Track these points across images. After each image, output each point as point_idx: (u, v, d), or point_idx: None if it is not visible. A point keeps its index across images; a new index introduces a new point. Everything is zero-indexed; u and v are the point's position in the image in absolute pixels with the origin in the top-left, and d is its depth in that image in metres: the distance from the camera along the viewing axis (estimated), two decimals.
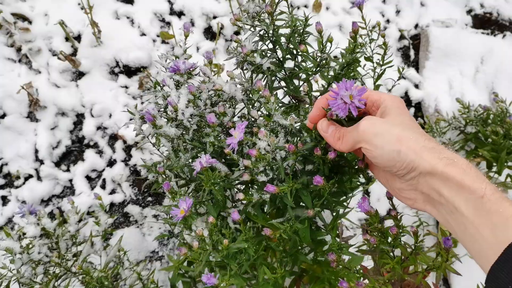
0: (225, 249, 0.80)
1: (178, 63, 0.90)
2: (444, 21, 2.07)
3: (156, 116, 0.89)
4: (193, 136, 0.94)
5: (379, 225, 0.83)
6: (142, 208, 1.73)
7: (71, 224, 1.24)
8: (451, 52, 2.00)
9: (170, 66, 0.92)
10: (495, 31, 2.10)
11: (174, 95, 0.92)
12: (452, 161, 0.55)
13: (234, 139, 0.74)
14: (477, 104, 1.72)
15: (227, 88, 0.86)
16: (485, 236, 0.51)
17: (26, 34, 1.92)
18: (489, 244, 0.50)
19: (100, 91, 1.87)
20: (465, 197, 0.53)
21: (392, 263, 0.84)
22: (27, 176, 1.78)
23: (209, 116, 0.83)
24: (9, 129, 1.82)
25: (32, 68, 1.90)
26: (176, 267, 1.25)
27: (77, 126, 1.85)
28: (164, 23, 2.04)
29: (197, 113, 0.92)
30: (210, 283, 0.74)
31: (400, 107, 0.62)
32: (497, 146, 1.51)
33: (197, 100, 0.92)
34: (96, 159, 1.79)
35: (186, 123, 0.90)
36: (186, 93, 0.92)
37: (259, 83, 0.84)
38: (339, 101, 0.60)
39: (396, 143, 0.57)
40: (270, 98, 0.76)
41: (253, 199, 0.79)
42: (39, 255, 1.21)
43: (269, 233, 0.78)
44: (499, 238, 0.49)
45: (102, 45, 1.91)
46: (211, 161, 0.80)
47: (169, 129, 0.90)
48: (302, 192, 0.77)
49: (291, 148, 0.72)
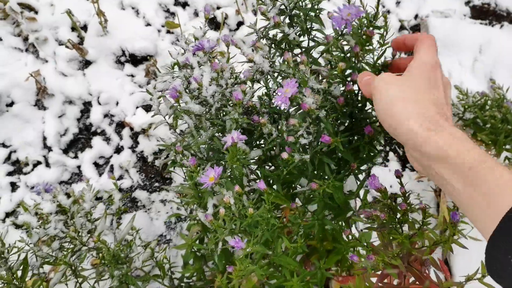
0: (250, 217, 0.83)
1: (203, 41, 0.94)
2: (443, 11, 2.12)
3: (182, 92, 0.92)
4: (216, 113, 0.97)
5: (388, 201, 0.87)
6: (150, 193, 1.77)
7: (86, 201, 1.27)
8: (450, 43, 2.05)
9: (194, 45, 0.95)
10: (493, 21, 2.15)
11: (197, 73, 0.95)
12: (434, 132, 0.53)
13: (287, 93, 0.77)
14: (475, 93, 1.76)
15: (257, 58, 0.89)
16: (481, 206, 0.50)
17: (33, 24, 1.95)
18: (486, 214, 0.49)
19: (107, 79, 1.90)
20: (453, 170, 0.52)
21: (400, 238, 0.88)
22: (35, 163, 1.80)
23: (236, 93, 0.87)
24: (17, 117, 1.84)
25: (39, 57, 1.93)
26: (189, 245, 1.28)
27: (84, 114, 1.88)
28: (168, 14, 2.08)
29: (220, 91, 0.95)
30: (238, 247, 0.78)
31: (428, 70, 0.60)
32: (495, 130, 1.56)
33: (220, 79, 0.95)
34: (103, 146, 1.83)
35: (209, 100, 0.94)
36: (209, 71, 0.95)
37: (287, 55, 0.87)
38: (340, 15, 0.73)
39: (390, 105, 0.57)
40: (306, 62, 0.81)
41: (295, 160, 0.83)
42: (55, 230, 1.24)
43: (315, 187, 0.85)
44: (494, 208, 0.48)
45: (108, 34, 1.95)
46: (241, 137, 0.84)
47: (193, 106, 0.94)
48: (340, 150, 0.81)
49: (341, 101, 0.78)
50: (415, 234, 0.89)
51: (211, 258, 1.37)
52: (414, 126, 0.54)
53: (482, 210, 0.49)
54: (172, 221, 1.73)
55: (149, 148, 1.81)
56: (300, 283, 0.96)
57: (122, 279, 1.17)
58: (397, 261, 0.86)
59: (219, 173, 0.83)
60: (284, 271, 1.01)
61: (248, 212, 0.85)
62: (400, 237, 0.86)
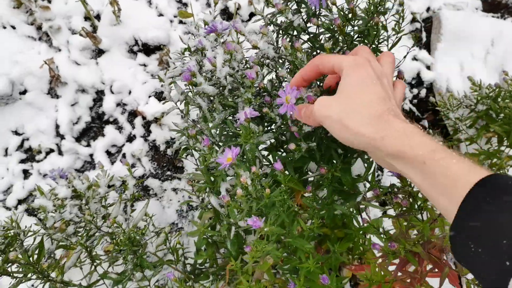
0: (267, 197, 0.84)
1: (216, 23, 0.94)
2: (455, 4, 2.11)
3: (196, 73, 0.93)
4: (228, 94, 0.98)
5: (409, 188, 0.87)
6: (162, 182, 1.78)
7: (101, 186, 1.28)
8: (462, 35, 2.04)
9: (208, 27, 0.96)
10: (504, 14, 2.15)
11: (211, 54, 0.96)
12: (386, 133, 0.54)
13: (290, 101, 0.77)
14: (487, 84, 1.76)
15: (261, 44, 0.90)
16: (439, 200, 0.51)
17: (46, 13, 1.96)
18: (446, 207, 0.50)
19: (120, 68, 1.91)
20: (410, 166, 0.53)
21: (421, 224, 0.88)
22: (48, 151, 1.82)
23: (249, 72, 0.87)
24: (30, 105, 1.86)
25: (52, 46, 1.94)
26: (201, 232, 1.29)
27: (97, 103, 1.89)
28: (181, 4, 2.08)
29: (232, 72, 0.96)
30: (256, 226, 0.79)
31: (351, 72, 0.60)
32: (508, 121, 1.56)
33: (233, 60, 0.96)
34: (116, 134, 1.84)
35: (223, 81, 0.95)
36: (221, 53, 0.96)
37: (284, 41, 0.88)
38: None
39: (337, 123, 0.58)
40: (300, 49, 0.80)
41: (302, 149, 0.83)
42: (70, 215, 1.25)
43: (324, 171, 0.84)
44: (452, 200, 0.49)
45: (122, 24, 1.95)
46: (254, 113, 0.84)
47: (207, 87, 0.94)
48: None
49: None
50: (435, 221, 0.89)
51: (223, 245, 1.38)
52: (366, 132, 0.55)
53: (440, 202, 0.51)
54: (184, 210, 1.74)
55: (161, 137, 1.82)
56: (316, 265, 0.97)
57: (136, 262, 1.18)
58: (418, 249, 0.86)
59: (237, 153, 0.84)
60: (299, 253, 1.02)
61: (265, 192, 0.85)
62: (420, 224, 0.86)
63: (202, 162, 1.16)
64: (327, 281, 0.96)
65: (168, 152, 1.83)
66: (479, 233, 0.46)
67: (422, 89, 2.01)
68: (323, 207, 1.04)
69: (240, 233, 1.28)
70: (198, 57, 1.04)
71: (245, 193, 0.85)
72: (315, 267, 0.99)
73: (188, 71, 0.92)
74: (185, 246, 1.56)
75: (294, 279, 1.04)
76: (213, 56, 0.98)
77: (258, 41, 0.91)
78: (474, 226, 0.46)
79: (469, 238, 0.47)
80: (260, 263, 1.03)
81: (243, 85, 0.97)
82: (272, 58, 0.93)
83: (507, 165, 1.63)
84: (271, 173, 1.05)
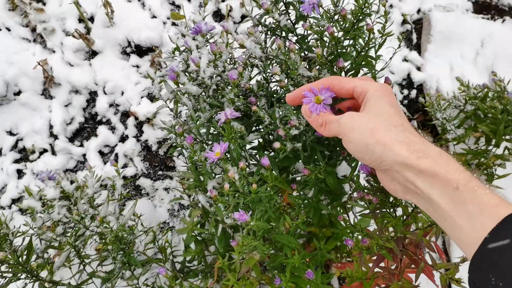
0: (254, 193, 0.85)
1: (200, 24, 0.96)
2: (445, 6, 2.13)
3: (180, 74, 0.95)
4: (213, 94, 1.00)
5: (380, 185, 0.88)
6: (153, 181, 1.80)
7: (89, 187, 1.30)
8: (452, 36, 2.06)
9: (193, 28, 0.98)
10: (494, 16, 2.17)
11: (195, 55, 0.98)
12: (423, 154, 0.55)
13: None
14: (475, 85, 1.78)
15: (248, 43, 0.91)
16: (463, 226, 0.51)
17: (41, 15, 1.98)
18: (468, 234, 0.51)
19: (113, 70, 1.93)
20: (440, 189, 0.53)
21: (394, 221, 0.90)
22: (42, 151, 1.84)
23: (231, 73, 0.89)
24: (24, 105, 1.88)
25: (47, 48, 1.96)
26: (190, 229, 1.31)
27: (90, 104, 1.91)
28: (174, 6, 2.11)
29: (217, 73, 0.98)
30: (242, 219, 0.80)
31: (381, 96, 0.62)
32: (495, 120, 1.58)
33: (217, 61, 0.98)
34: (108, 134, 1.85)
35: (207, 82, 0.96)
36: (206, 54, 0.98)
37: (278, 41, 0.90)
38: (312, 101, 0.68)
39: (367, 136, 0.58)
40: (294, 50, 0.82)
41: (287, 148, 0.85)
42: (59, 215, 1.27)
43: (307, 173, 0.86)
44: (476, 228, 0.49)
45: (115, 25, 1.98)
46: (235, 114, 0.86)
47: (191, 87, 0.96)
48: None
49: None
50: (409, 217, 0.91)
51: (212, 243, 1.40)
52: (400, 150, 0.56)
53: (463, 231, 0.51)
54: (175, 209, 1.76)
55: (153, 137, 1.84)
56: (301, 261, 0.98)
57: (125, 260, 1.20)
58: (391, 244, 0.87)
59: (225, 148, 0.85)
60: (285, 250, 1.03)
61: (252, 188, 0.87)
62: (393, 220, 0.88)
63: (189, 160, 1.18)
64: (312, 276, 0.98)
65: (160, 152, 1.85)
66: (502, 268, 0.46)
67: (412, 90, 2.03)
68: (309, 206, 1.06)
69: (227, 230, 1.30)
70: (184, 57, 1.07)
71: (233, 188, 0.86)
72: (300, 263, 1.00)
73: (171, 71, 0.94)
74: (175, 245, 1.58)
75: (280, 275, 1.06)
76: (198, 57, 1.00)
77: (245, 40, 0.93)
78: (497, 260, 0.46)
79: (490, 271, 0.47)
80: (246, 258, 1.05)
81: (229, 85, 0.99)
82: (259, 57, 0.95)
83: (494, 165, 1.65)
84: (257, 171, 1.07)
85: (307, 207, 1.05)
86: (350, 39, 0.87)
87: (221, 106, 1.04)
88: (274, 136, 1.16)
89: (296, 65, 0.85)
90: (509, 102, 1.59)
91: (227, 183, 0.90)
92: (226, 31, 1.08)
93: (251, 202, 0.91)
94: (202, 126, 1.11)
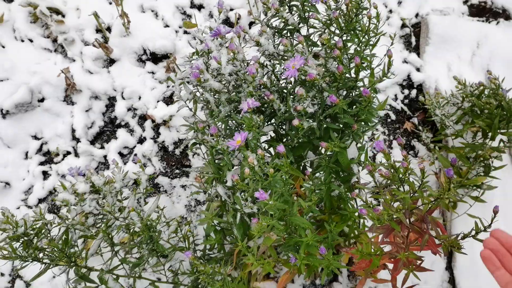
0: (271, 177, 0.96)
1: (219, 27, 1.08)
2: (442, 10, 2.26)
3: (204, 71, 1.07)
4: (232, 90, 1.12)
5: (391, 161, 1.00)
6: (171, 180, 1.91)
7: (117, 181, 1.41)
8: (449, 38, 2.18)
9: (213, 31, 1.10)
10: (489, 18, 2.29)
11: (216, 54, 1.10)
12: None
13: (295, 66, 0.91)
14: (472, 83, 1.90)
15: (262, 40, 1.03)
16: None
17: (61, 26, 2.11)
18: None
19: (130, 76, 2.06)
20: None
21: (402, 194, 1.01)
22: (65, 153, 1.96)
23: (250, 68, 1.01)
24: (48, 111, 2.00)
25: (67, 57, 2.09)
26: (210, 219, 1.42)
27: (109, 108, 2.04)
28: (185, 16, 2.24)
29: (236, 70, 1.10)
30: (262, 198, 0.91)
31: None
32: (491, 115, 1.69)
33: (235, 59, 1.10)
34: (127, 137, 1.97)
35: (227, 78, 1.08)
36: (225, 53, 1.10)
37: (284, 41, 1.02)
38: None
39: None
40: (303, 42, 0.94)
41: (304, 126, 0.97)
42: (90, 207, 1.38)
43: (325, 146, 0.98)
44: None
45: (131, 35, 2.10)
46: (255, 103, 0.98)
47: (214, 83, 1.08)
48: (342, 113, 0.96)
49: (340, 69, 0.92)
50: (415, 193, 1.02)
51: (230, 232, 1.51)
52: None
53: None
54: (192, 204, 1.87)
55: (170, 138, 1.96)
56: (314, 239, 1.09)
57: (152, 247, 1.31)
58: (399, 214, 0.98)
59: (245, 136, 0.97)
60: (299, 231, 1.14)
61: (269, 172, 0.98)
62: (402, 194, 0.99)
63: (210, 152, 1.30)
64: (324, 251, 1.08)
65: (176, 152, 1.96)
66: None
67: (412, 89, 2.14)
68: (321, 185, 1.17)
69: (245, 219, 1.41)
70: (204, 59, 1.19)
71: (252, 173, 0.97)
72: (313, 241, 1.11)
73: (196, 68, 1.06)
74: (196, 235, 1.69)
75: (295, 255, 1.16)
76: (218, 56, 1.12)
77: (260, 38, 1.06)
78: None
79: None
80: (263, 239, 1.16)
81: (245, 81, 1.11)
82: (272, 53, 1.08)
83: (491, 157, 1.76)
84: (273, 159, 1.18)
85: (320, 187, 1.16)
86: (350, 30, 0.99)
87: (239, 101, 1.16)
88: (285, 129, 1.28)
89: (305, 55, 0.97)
90: (503, 98, 1.70)
91: (247, 168, 1.01)
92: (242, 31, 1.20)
93: (268, 185, 1.02)
94: (222, 121, 1.23)
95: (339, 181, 1.22)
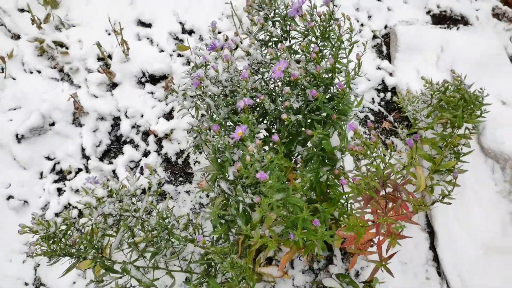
0: (269, 161, 1.17)
1: (215, 41, 1.30)
2: (408, 20, 2.52)
3: (204, 78, 1.28)
4: (229, 94, 1.33)
5: (362, 139, 1.21)
6: (176, 187, 2.10)
7: (131, 185, 1.61)
8: (416, 45, 2.44)
9: (209, 44, 1.31)
10: (450, 25, 2.55)
11: (213, 64, 1.31)
12: None
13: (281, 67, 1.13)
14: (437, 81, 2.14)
15: (251, 50, 1.25)
16: None
17: (66, 57, 2.33)
18: None
19: (131, 97, 2.27)
20: None
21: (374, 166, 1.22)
22: (77, 171, 2.14)
23: (243, 73, 1.23)
24: (59, 134, 2.19)
25: (73, 84, 2.30)
26: (216, 213, 1.61)
27: (114, 127, 2.24)
28: (177, 41, 2.47)
29: (230, 76, 1.32)
30: (262, 178, 1.11)
31: None
32: (456, 107, 1.92)
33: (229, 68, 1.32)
34: (133, 152, 2.17)
35: (224, 83, 1.30)
36: (221, 63, 1.31)
37: (269, 50, 1.24)
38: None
39: None
40: (285, 49, 1.16)
41: (291, 119, 1.17)
42: (109, 209, 1.57)
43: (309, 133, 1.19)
44: None
45: (130, 60, 2.32)
46: (250, 101, 1.19)
47: (212, 88, 1.30)
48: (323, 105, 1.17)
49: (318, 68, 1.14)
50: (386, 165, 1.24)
51: (234, 224, 1.70)
52: None
53: None
54: (196, 208, 2.06)
55: (172, 150, 2.16)
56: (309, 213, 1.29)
57: (168, 237, 1.50)
58: (374, 182, 1.20)
59: (245, 129, 1.17)
60: (295, 209, 1.34)
61: (266, 157, 1.18)
62: (374, 166, 1.21)
63: (213, 151, 1.50)
64: (318, 223, 1.28)
65: (179, 161, 2.16)
66: None
67: (387, 92, 2.38)
68: (311, 171, 1.38)
69: (247, 210, 1.60)
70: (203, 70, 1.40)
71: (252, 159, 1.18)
72: (308, 215, 1.31)
73: (197, 76, 1.27)
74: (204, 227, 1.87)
75: (293, 231, 1.36)
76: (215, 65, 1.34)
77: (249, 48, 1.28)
78: None
79: None
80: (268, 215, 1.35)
81: (239, 87, 1.33)
82: (260, 61, 1.30)
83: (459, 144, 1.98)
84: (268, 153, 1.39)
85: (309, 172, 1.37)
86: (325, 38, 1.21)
87: (235, 103, 1.37)
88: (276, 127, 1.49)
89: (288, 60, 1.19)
90: (465, 91, 1.94)
91: (248, 155, 1.22)
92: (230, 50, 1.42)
93: (266, 169, 1.23)
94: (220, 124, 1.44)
95: (328, 166, 1.43)
